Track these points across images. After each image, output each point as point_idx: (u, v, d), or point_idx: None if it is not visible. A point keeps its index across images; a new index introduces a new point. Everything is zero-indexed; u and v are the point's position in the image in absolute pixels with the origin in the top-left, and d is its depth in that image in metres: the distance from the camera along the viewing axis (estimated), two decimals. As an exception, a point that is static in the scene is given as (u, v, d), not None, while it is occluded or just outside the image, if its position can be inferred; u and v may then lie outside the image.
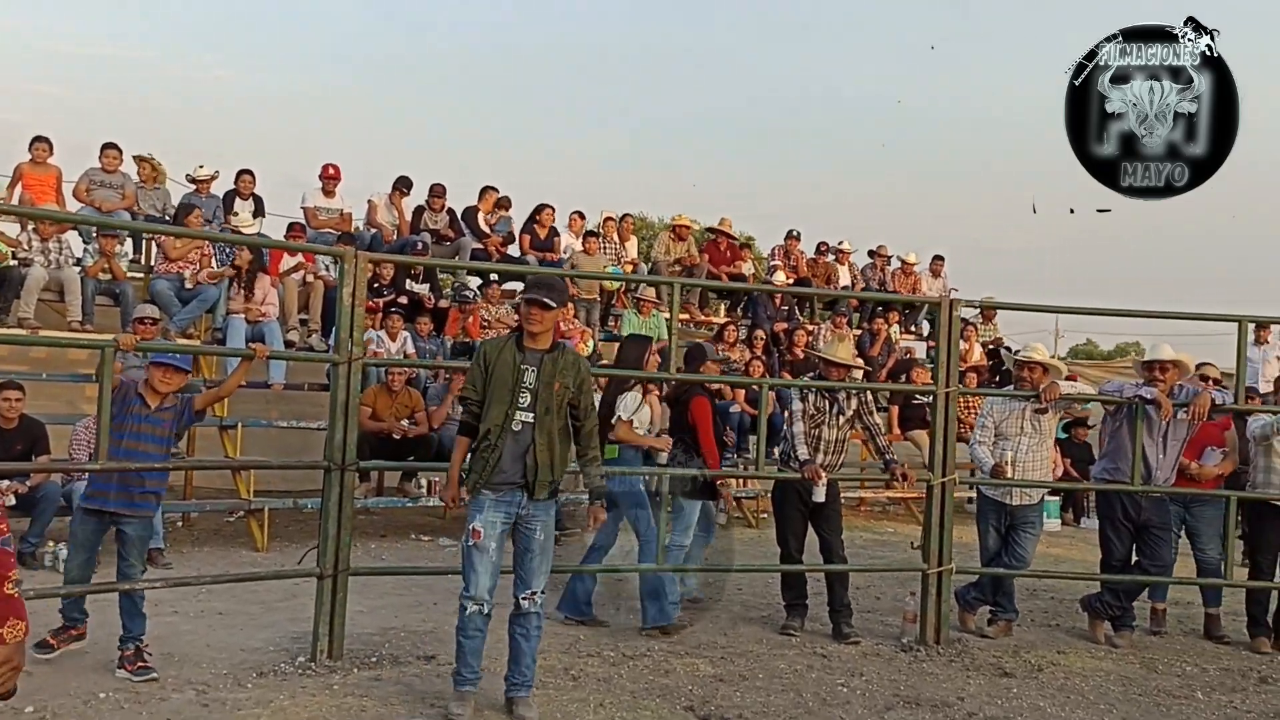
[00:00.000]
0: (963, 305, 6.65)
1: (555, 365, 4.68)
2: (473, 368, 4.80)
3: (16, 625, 2.17)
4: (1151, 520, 6.58)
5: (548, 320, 4.70)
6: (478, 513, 4.65)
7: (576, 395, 4.75)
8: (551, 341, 4.78)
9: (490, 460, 4.61)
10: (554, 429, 4.67)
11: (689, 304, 14.14)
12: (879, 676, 5.72)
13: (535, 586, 4.74)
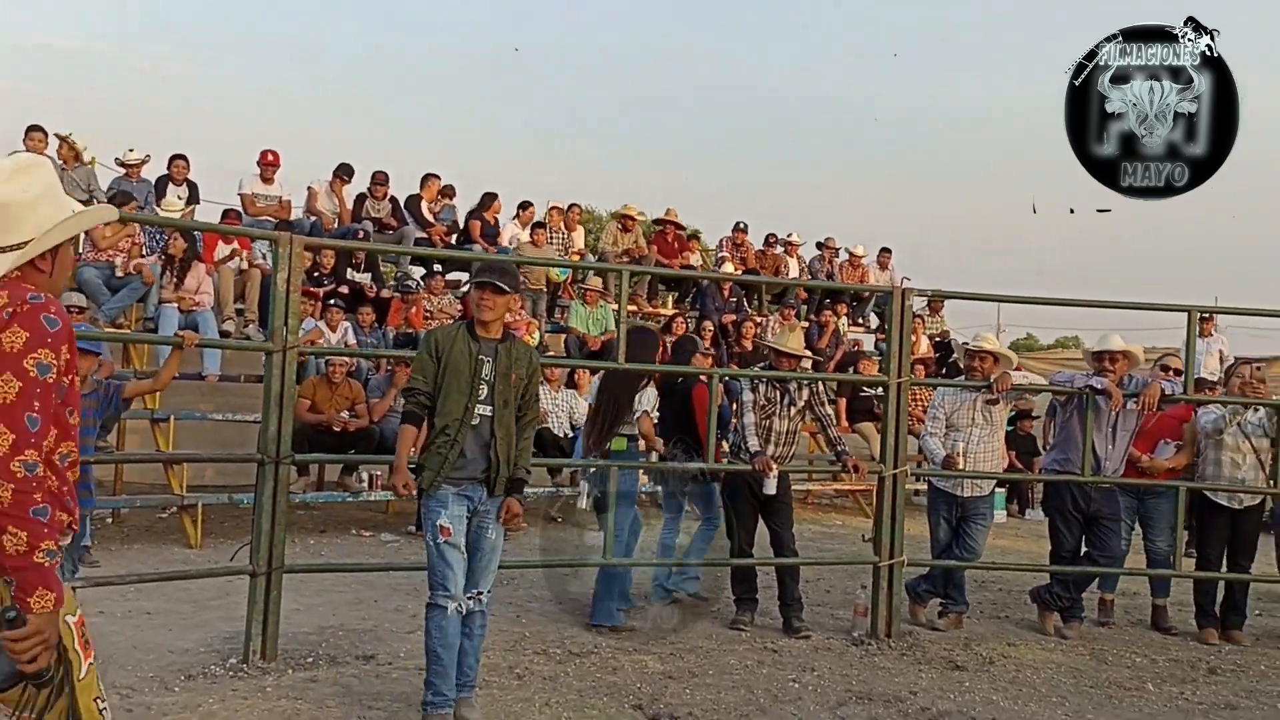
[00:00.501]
0: (914, 294, 6.57)
1: (510, 356, 4.51)
2: (420, 357, 4.56)
3: (46, 595, 2.24)
4: (1101, 511, 6.56)
5: (500, 306, 4.50)
6: (442, 509, 4.39)
7: (527, 386, 4.58)
8: (504, 332, 4.61)
9: (450, 455, 4.39)
10: (511, 422, 4.49)
11: (637, 295, 13.99)
12: (830, 671, 5.62)
13: (484, 587, 4.53)
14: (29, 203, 2.40)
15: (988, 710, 5.11)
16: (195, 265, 9.63)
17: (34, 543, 2.25)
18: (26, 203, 2.40)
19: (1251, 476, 6.69)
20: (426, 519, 4.46)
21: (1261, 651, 6.53)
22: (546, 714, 4.71)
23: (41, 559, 2.26)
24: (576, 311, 12.13)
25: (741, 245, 14.48)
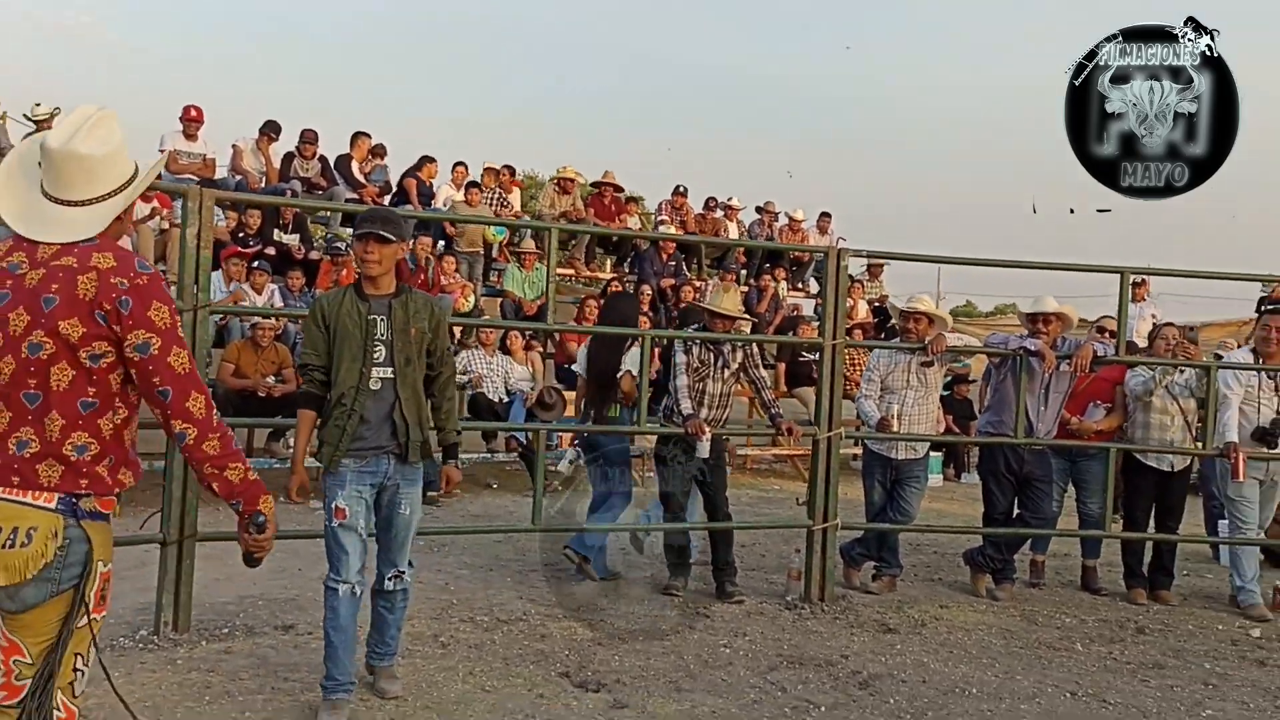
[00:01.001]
0: (850, 255, 6.48)
1: (407, 310, 4.14)
2: (308, 328, 4.18)
3: (268, 499, 2.65)
4: (1034, 473, 6.55)
5: (386, 258, 4.07)
6: (339, 489, 4.07)
7: (433, 340, 4.23)
8: (396, 284, 4.21)
9: (348, 427, 4.03)
10: (417, 381, 4.17)
11: (574, 259, 13.84)
12: (762, 636, 5.55)
13: (401, 565, 4.28)
14: (110, 155, 2.50)
15: (918, 673, 5.08)
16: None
17: (246, 466, 2.63)
18: (108, 155, 2.50)
19: (1179, 438, 6.73)
20: (324, 498, 4.16)
21: (1188, 611, 6.59)
22: (470, 683, 4.58)
23: (255, 476, 2.65)
24: (512, 275, 11.94)
25: (681, 209, 14.34)
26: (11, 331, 2.42)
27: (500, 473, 10.56)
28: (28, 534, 2.39)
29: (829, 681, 4.87)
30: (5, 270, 2.46)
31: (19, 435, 2.41)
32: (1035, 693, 4.86)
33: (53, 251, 2.46)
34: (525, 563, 7.07)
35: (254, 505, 2.64)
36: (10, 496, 2.40)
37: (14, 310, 2.43)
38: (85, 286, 2.42)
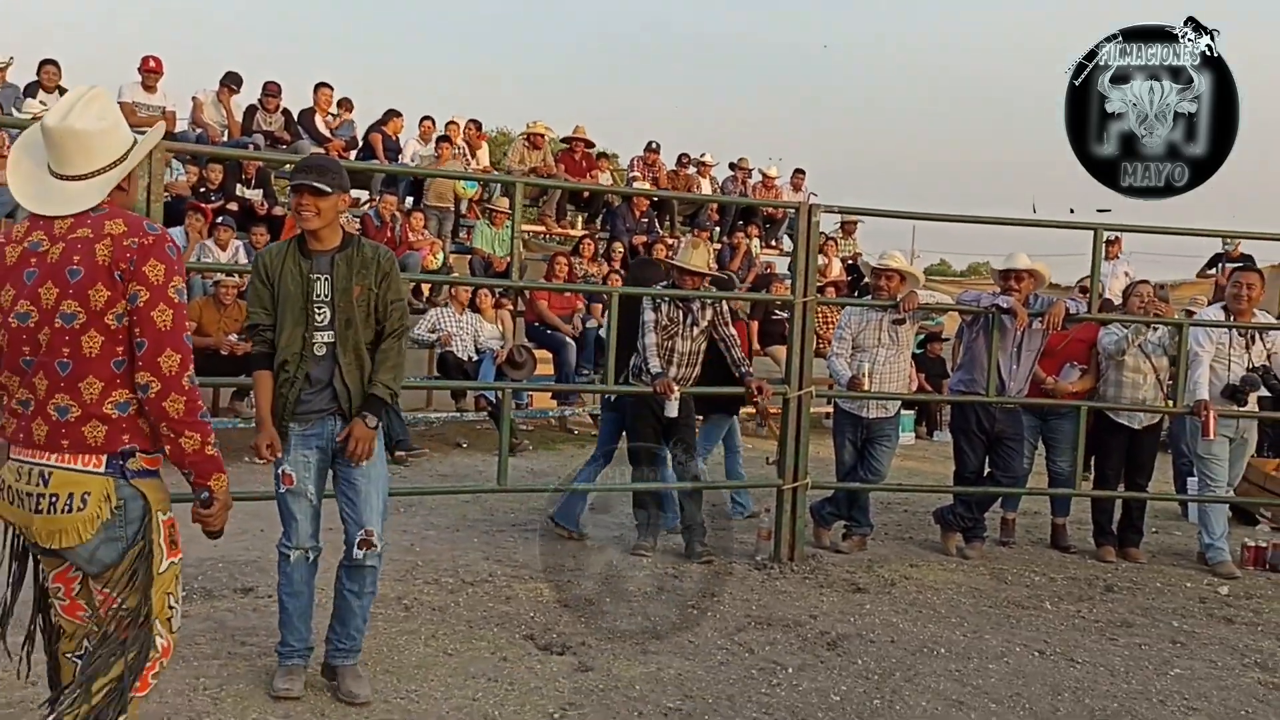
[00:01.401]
0: (821, 211, 6.37)
1: (351, 266, 3.79)
2: (253, 285, 3.89)
3: (220, 478, 2.72)
4: (1005, 432, 6.51)
5: (325, 210, 3.73)
6: (285, 454, 3.84)
7: (379, 296, 3.85)
8: (342, 237, 3.85)
9: (289, 396, 3.80)
10: (360, 342, 3.82)
11: (545, 215, 13.66)
12: (731, 596, 5.50)
13: (371, 524, 3.87)
14: (105, 130, 2.65)
15: (887, 633, 5.04)
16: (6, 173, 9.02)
17: (205, 439, 2.66)
18: (103, 130, 2.64)
19: (1151, 396, 6.70)
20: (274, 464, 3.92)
21: (1157, 569, 6.59)
22: (432, 646, 4.50)
23: (212, 451, 2.68)
24: (481, 232, 11.76)
25: (654, 165, 14.18)
26: (44, 305, 2.58)
27: (470, 432, 10.45)
28: (82, 498, 2.59)
29: (797, 642, 4.82)
30: (29, 249, 2.62)
31: (56, 401, 2.59)
32: (1003, 652, 4.84)
33: (68, 225, 2.61)
34: (493, 523, 6.99)
35: (204, 480, 2.70)
36: (63, 464, 2.59)
37: (43, 285, 2.58)
38: (103, 253, 2.57)
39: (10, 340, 2.62)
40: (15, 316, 2.60)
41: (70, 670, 2.77)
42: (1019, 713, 4.12)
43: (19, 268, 2.62)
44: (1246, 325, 6.55)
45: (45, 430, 2.60)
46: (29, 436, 2.61)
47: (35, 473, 2.60)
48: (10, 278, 2.62)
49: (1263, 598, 6.03)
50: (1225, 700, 4.38)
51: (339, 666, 3.94)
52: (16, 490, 2.62)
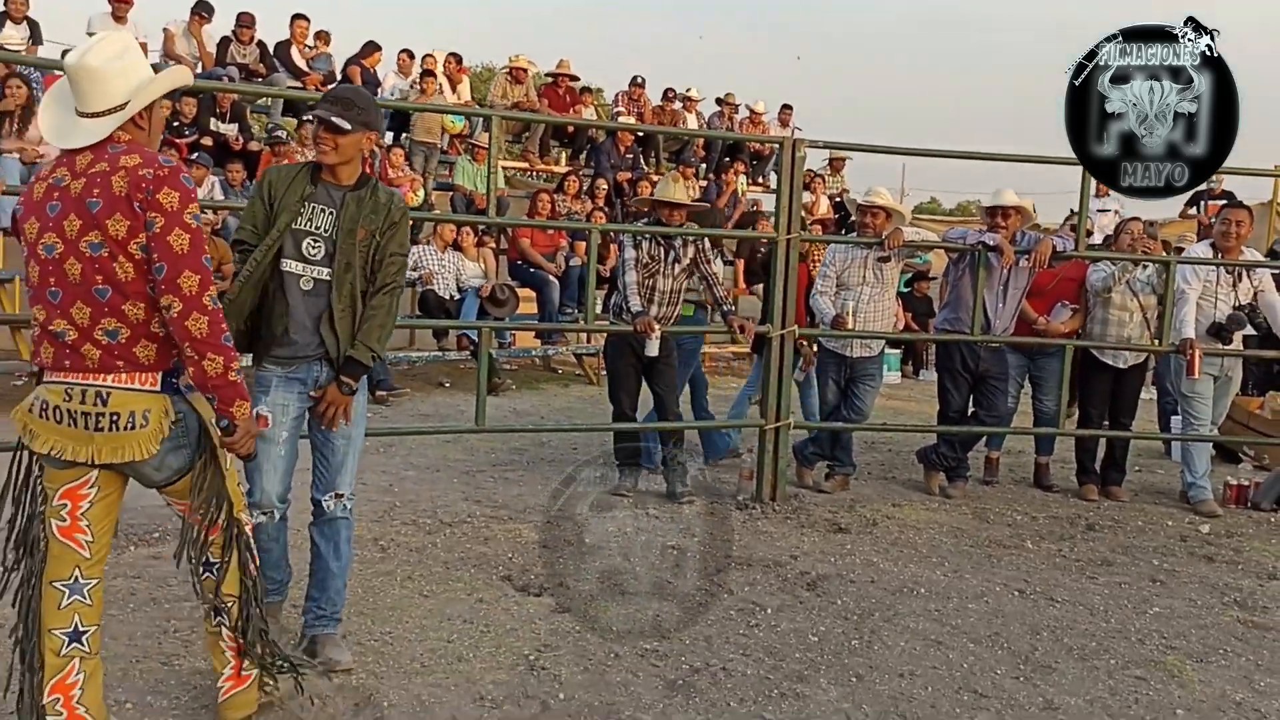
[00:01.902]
0: (806, 146, 6.24)
1: (361, 207, 3.56)
2: (252, 202, 3.63)
3: (243, 405, 2.87)
4: (990, 371, 6.45)
5: (344, 146, 3.52)
6: (263, 394, 3.55)
7: (380, 246, 3.61)
8: (359, 175, 3.64)
9: (276, 328, 3.56)
10: (357, 290, 3.58)
11: (528, 152, 13.45)
12: (711, 537, 5.46)
13: (342, 488, 3.66)
14: (120, 70, 2.77)
15: (867, 572, 5.01)
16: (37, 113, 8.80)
17: (228, 364, 2.80)
18: (119, 70, 2.77)
19: (1136, 335, 6.64)
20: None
21: (1139, 507, 6.58)
22: (408, 588, 4.46)
23: (235, 377, 2.82)
24: (463, 168, 11.57)
25: (639, 100, 13.94)
26: (68, 236, 2.72)
27: (453, 371, 10.37)
28: (144, 416, 2.78)
29: (777, 583, 4.79)
30: (53, 185, 2.77)
31: (104, 325, 2.74)
32: (983, 591, 4.82)
33: (88, 161, 2.75)
34: (473, 463, 6.94)
35: (226, 407, 2.86)
36: (121, 384, 2.76)
37: (65, 218, 2.73)
38: (119, 184, 2.71)
39: (40, 273, 2.76)
40: (42, 248, 2.75)
41: (56, 599, 2.84)
42: (997, 652, 4.10)
43: (44, 202, 2.77)
44: (1234, 263, 6.47)
45: (98, 354, 2.74)
46: (79, 361, 2.74)
47: (91, 393, 2.74)
48: (36, 212, 2.78)
49: (1244, 536, 6.03)
50: (1204, 639, 4.37)
51: (319, 635, 3.66)
52: (68, 410, 2.74)
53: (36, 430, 2.79)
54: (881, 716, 3.48)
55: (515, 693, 3.52)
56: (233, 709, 3.11)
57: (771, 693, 3.61)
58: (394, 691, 3.47)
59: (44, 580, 2.86)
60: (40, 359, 2.81)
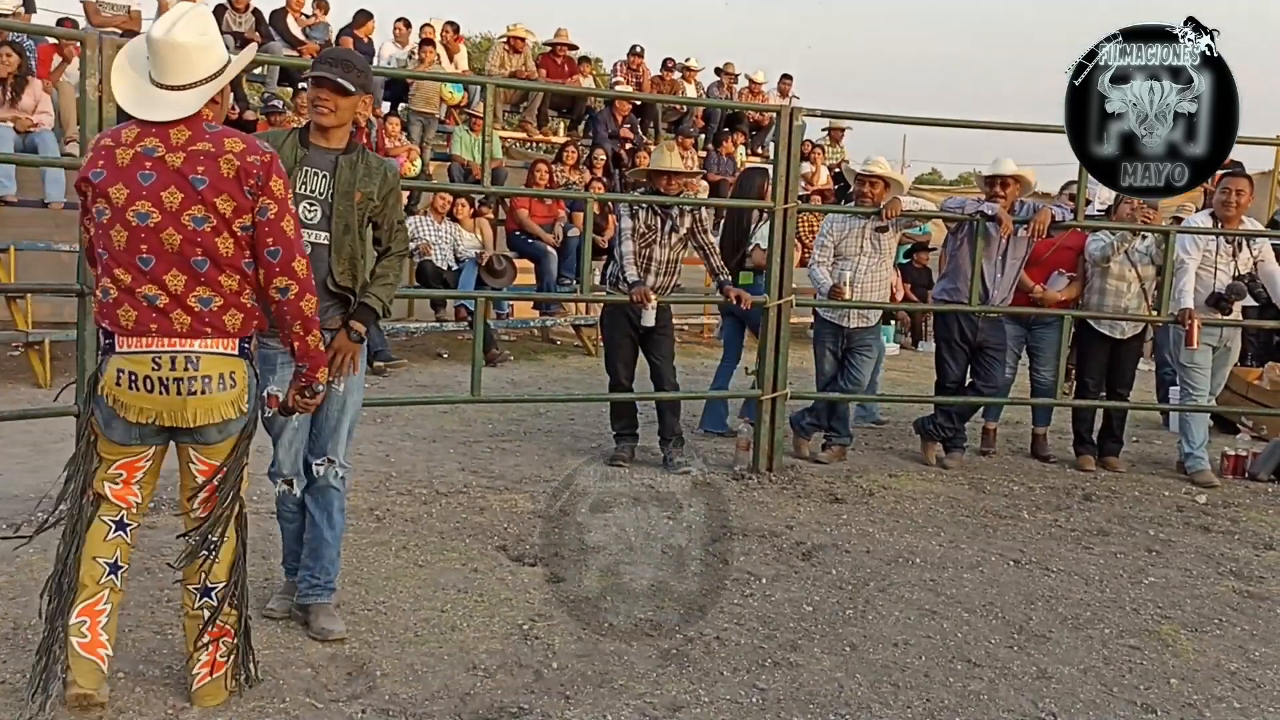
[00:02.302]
0: (804, 114, 6.19)
1: (355, 170, 3.56)
2: None
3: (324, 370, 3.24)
4: (988, 341, 6.43)
5: (344, 109, 3.50)
6: (270, 374, 3.48)
7: (380, 210, 3.64)
8: (349, 140, 3.63)
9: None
10: (357, 252, 3.58)
11: (526, 122, 13.38)
12: (707, 507, 5.46)
13: (334, 453, 3.65)
14: (205, 46, 2.91)
15: (863, 543, 5.01)
16: (31, 81, 8.74)
17: (320, 335, 3.14)
18: (204, 46, 2.91)
19: (1134, 305, 6.60)
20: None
21: (1136, 478, 6.58)
22: (403, 558, 4.46)
23: (323, 348, 3.18)
24: (461, 138, 11.50)
25: (638, 70, 13.84)
26: (167, 207, 2.84)
27: (451, 342, 10.35)
28: (231, 377, 2.96)
29: (772, 553, 4.79)
30: (142, 154, 2.85)
31: (198, 294, 2.89)
32: (979, 561, 4.82)
33: (186, 138, 2.87)
34: (470, 434, 6.93)
35: (314, 375, 3.15)
36: (209, 349, 2.92)
37: (165, 189, 2.84)
38: (227, 167, 2.86)
39: (129, 238, 2.84)
40: (134, 215, 2.83)
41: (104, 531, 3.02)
42: (992, 621, 4.10)
43: (133, 169, 2.84)
44: (1234, 233, 6.43)
45: (189, 320, 2.88)
46: (167, 325, 2.87)
47: (181, 359, 2.89)
48: (123, 178, 2.84)
49: (1240, 506, 6.03)
50: (1199, 608, 4.37)
51: (312, 605, 3.67)
52: (159, 379, 2.87)
53: (127, 402, 2.89)
54: (874, 686, 3.49)
55: (509, 662, 3.52)
56: (205, 697, 3.09)
57: (765, 662, 3.62)
58: (387, 661, 3.47)
59: (97, 515, 3.02)
60: (112, 320, 2.89)
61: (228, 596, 3.10)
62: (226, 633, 3.10)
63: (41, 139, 8.53)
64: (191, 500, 3.08)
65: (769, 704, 3.31)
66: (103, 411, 2.95)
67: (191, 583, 3.09)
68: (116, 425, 2.95)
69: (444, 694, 3.27)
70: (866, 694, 3.42)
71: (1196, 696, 3.54)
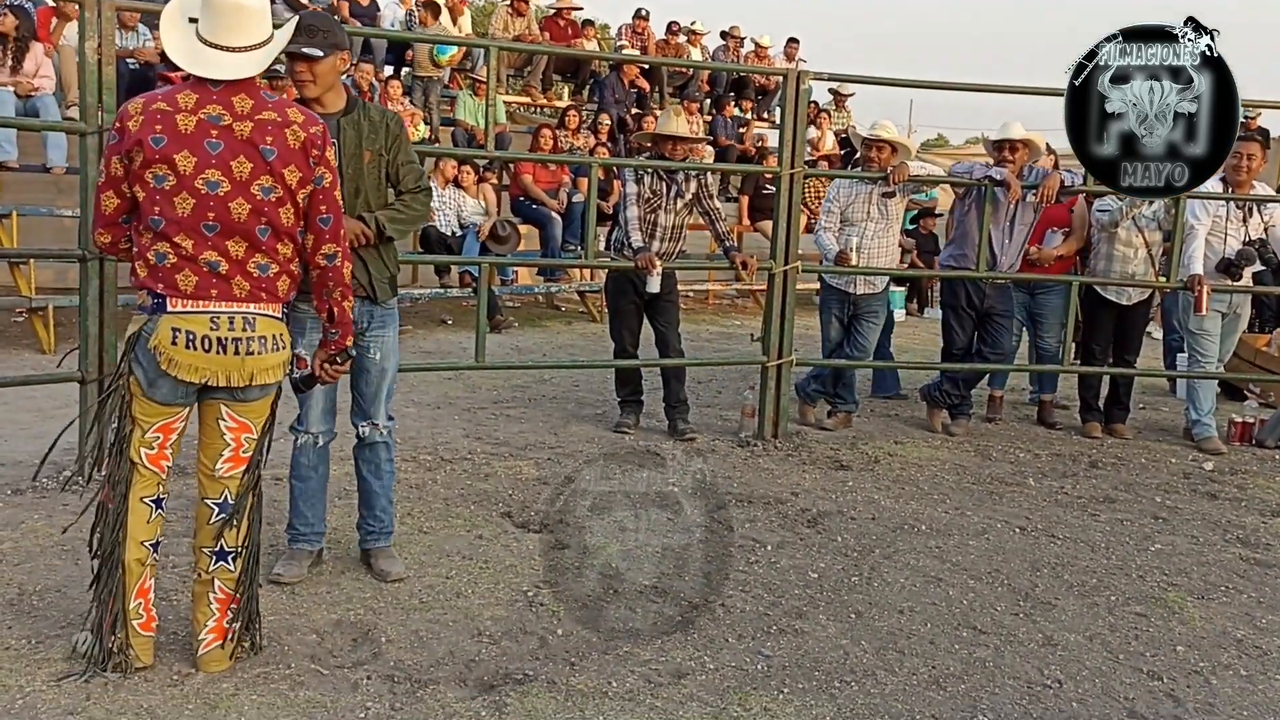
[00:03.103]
0: (810, 78, 6.11)
1: (359, 129, 3.59)
2: None
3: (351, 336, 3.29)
4: (994, 308, 6.39)
5: (323, 74, 3.50)
6: (299, 336, 3.54)
7: (392, 161, 3.68)
8: (346, 100, 3.63)
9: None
10: (374, 210, 3.65)
11: (530, 86, 13.27)
12: (713, 474, 5.45)
13: (377, 417, 3.86)
14: (264, 10, 2.95)
15: (868, 509, 5.00)
16: (32, 45, 8.67)
17: (353, 303, 3.25)
18: (263, 10, 2.94)
19: (1141, 271, 6.54)
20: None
21: (1143, 445, 6.55)
22: (408, 524, 4.45)
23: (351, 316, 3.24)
24: (464, 103, 11.41)
25: (642, 33, 13.71)
26: (236, 176, 2.86)
27: (455, 308, 10.31)
28: (279, 339, 3.04)
29: (777, 520, 4.78)
30: (207, 121, 2.84)
31: (257, 260, 2.94)
32: (984, 528, 4.81)
33: (250, 106, 2.87)
34: (474, 400, 6.92)
35: (344, 341, 3.24)
36: (263, 311, 2.98)
37: (234, 158, 2.86)
38: (293, 139, 2.91)
39: (197, 206, 2.84)
40: (204, 183, 2.84)
41: (145, 513, 3.04)
42: (997, 588, 4.09)
43: (198, 136, 2.83)
44: (1244, 197, 6.37)
45: (247, 286, 2.93)
46: (226, 290, 2.91)
47: (240, 319, 2.94)
48: (189, 145, 2.83)
49: (1247, 473, 6.01)
50: (1205, 575, 4.36)
51: (372, 549, 3.94)
52: (217, 339, 2.91)
53: (181, 360, 2.91)
54: (880, 652, 3.48)
55: (513, 628, 3.52)
56: (211, 662, 3.10)
57: (770, 629, 3.61)
58: (392, 627, 3.47)
59: (132, 496, 3.02)
60: (168, 284, 2.88)
61: (244, 561, 3.12)
62: (235, 599, 3.12)
63: (43, 103, 8.48)
64: (215, 461, 3.09)
65: (774, 670, 3.31)
66: (146, 371, 2.94)
67: (206, 546, 3.10)
68: (163, 384, 2.95)
69: (449, 660, 3.27)
70: (872, 661, 3.42)
71: (1203, 664, 3.54)
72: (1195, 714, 3.20)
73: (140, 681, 3.03)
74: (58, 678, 3.00)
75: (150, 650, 3.07)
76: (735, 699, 3.11)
